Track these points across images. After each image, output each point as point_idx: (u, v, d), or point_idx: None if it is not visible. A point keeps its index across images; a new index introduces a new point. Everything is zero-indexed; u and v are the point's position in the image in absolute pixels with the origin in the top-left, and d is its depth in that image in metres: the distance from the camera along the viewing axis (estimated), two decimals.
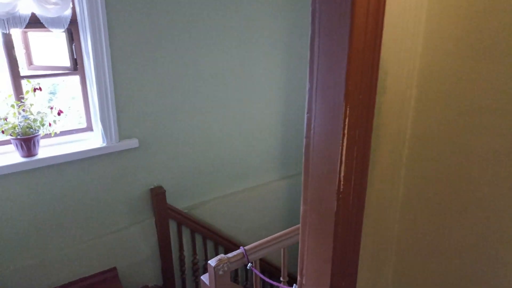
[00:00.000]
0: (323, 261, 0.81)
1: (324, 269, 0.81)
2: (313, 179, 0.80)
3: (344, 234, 0.78)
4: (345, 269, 0.82)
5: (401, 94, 0.75)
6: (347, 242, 0.80)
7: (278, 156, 2.86)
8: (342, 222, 0.77)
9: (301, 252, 0.93)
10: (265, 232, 2.97)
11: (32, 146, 1.84)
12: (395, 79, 0.74)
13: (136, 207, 2.26)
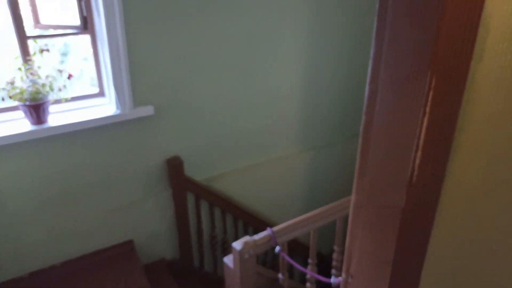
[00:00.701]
0: (381, 263, 0.67)
1: (381, 272, 0.67)
2: (373, 166, 0.64)
3: (410, 234, 0.63)
4: (407, 274, 0.68)
5: (502, 61, 0.57)
6: (412, 243, 0.65)
7: (301, 127, 2.69)
8: (409, 220, 0.61)
9: (349, 248, 0.78)
10: (286, 205, 2.86)
11: (42, 113, 1.72)
12: (497, 41, 0.55)
13: (153, 178, 2.15)
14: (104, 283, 1.97)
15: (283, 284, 1.52)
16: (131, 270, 2.06)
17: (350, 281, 0.81)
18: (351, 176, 2.56)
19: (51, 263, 1.99)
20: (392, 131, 0.59)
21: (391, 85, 0.57)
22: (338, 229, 1.61)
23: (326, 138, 2.87)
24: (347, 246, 0.79)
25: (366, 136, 0.66)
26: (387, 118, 0.59)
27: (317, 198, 3.04)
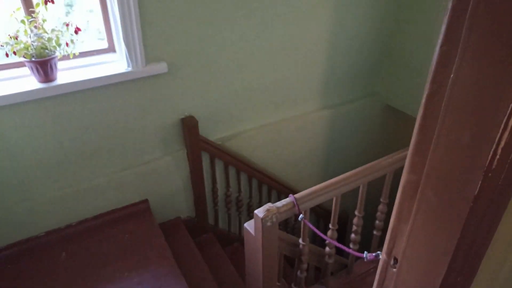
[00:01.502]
0: (438, 253, 0.59)
1: (437, 262, 0.60)
2: (440, 145, 0.55)
3: (477, 225, 0.55)
4: (465, 266, 0.61)
5: None
6: (478, 234, 0.57)
7: (320, 84, 2.55)
8: (479, 210, 0.53)
9: (393, 229, 0.71)
10: (300, 165, 2.81)
11: (49, 70, 1.61)
12: None
13: (167, 137, 2.09)
14: (120, 238, 1.97)
15: (303, 250, 1.49)
16: (147, 227, 2.06)
17: (392, 264, 0.74)
18: (368, 135, 2.53)
19: (67, 222, 1.99)
20: (471, 106, 0.49)
21: (479, 47, 0.46)
22: (361, 195, 1.55)
23: (344, 95, 2.75)
24: (392, 226, 0.72)
25: (429, 108, 0.56)
26: (466, 90, 0.49)
27: (333, 158, 2.97)
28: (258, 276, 1.39)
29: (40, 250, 1.89)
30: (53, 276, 1.77)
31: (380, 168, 1.51)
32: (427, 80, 0.56)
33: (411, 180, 0.62)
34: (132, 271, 1.81)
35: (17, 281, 1.74)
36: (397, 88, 2.82)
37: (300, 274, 1.58)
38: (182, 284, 1.75)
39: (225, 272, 2.26)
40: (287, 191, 2.77)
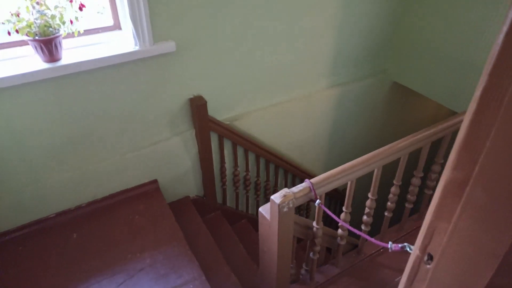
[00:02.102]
0: (485, 254, 0.58)
1: (483, 264, 0.58)
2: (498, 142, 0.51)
3: None
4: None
5: None
6: None
7: (329, 62, 2.49)
8: None
9: (431, 224, 0.69)
10: (306, 145, 2.78)
11: (54, 49, 1.55)
12: None
13: (175, 118, 2.04)
14: (131, 219, 1.97)
15: (317, 233, 1.49)
16: (157, 207, 2.05)
17: (426, 260, 0.73)
18: (375, 113, 2.49)
19: (77, 204, 1.98)
20: None
21: None
22: (375, 178, 1.53)
23: (352, 73, 2.69)
24: (429, 221, 0.69)
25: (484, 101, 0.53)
26: None
27: (339, 137, 2.95)
28: (273, 258, 1.40)
29: (51, 231, 1.89)
30: (66, 257, 1.78)
31: (396, 151, 1.48)
32: (483, 72, 0.52)
33: (457, 177, 0.60)
34: (144, 251, 1.82)
35: (29, 262, 1.75)
36: (405, 65, 2.76)
37: (313, 256, 1.58)
38: (194, 265, 1.77)
39: (234, 251, 2.28)
40: (293, 169, 2.77)
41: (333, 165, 3.11)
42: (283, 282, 1.51)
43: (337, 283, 1.70)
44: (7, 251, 1.79)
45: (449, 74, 2.45)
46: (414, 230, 1.94)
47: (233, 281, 1.89)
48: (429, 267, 0.72)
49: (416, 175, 1.71)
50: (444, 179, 0.63)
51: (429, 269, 0.72)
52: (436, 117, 3.64)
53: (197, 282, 1.69)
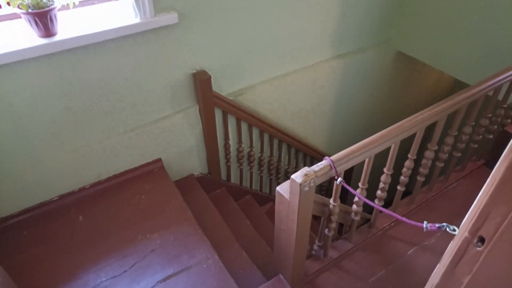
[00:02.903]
0: None
1: None
2: None
3: None
4: None
5: None
6: None
7: (333, 32, 2.40)
8: None
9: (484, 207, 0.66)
10: (310, 117, 2.74)
11: (49, 23, 1.44)
12: None
13: (178, 94, 1.96)
14: (137, 199, 1.93)
15: (334, 210, 1.46)
16: (163, 186, 2.01)
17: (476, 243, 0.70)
18: (378, 82, 2.43)
19: (80, 185, 1.92)
20: None
21: None
22: (392, 153, 1.50)
23: (356, 43, 2.61)
24: (483, 204, 0.66)
25: None
26: None
27: (341, 108, 2.90)
28: (291, 236, 1.37)
29: (56, 214, 1.84)
30: (73, 240, 1.74)
31: (414, 125, 1.44)
32: None
33: None
34: (153, 232, 1.78)
35: (36, 246, 1.70)
36: (409, 34, 2.68)
37: (328, 232, 1.57)
38: (206, 244, 1.74)
39: (241, 227, 2.27)
40: (297, 144, 2.73)
41: (337, 136, 3.09)
42: (300, 260, 1.50)
43: (350, 257, 1.71)
44: (12, 236, 1.75)
45: (457, 43, 2.39)
46: (424, 202, 1.94)
47: (245, 258, 1.88)
48: (480, 250, 0.70)
49: (430, 148, 1.68)
50: (506, 163, 0.59)
51: (480, 252, 0.70)
52: (438, 86, 3.60)
53: (210, 261, 1.68)
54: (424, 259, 1.71)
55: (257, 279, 1.78)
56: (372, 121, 3.25)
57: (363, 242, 1.76)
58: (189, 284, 1.59)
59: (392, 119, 3.38)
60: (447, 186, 2.02)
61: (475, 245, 0.70)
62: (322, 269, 1.65)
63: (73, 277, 1.60)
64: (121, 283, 1.58)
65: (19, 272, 1.58)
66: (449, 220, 1.89)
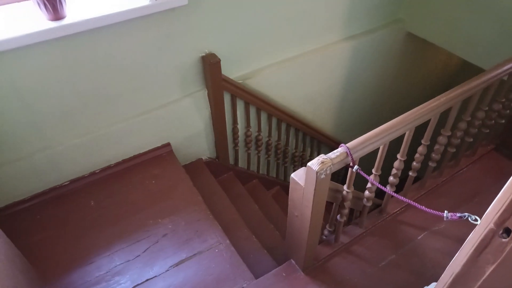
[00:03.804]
0: None
1: None
2: None
3: None
4: None
5: None
6: None
7: (343, 13, 2.35)
8: None
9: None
10: (318, 101, 2.71)
11: (59, 5, 1.40)
12: None
13: (187, 77, 1.93)
14: (147, 184, 1.93)
15: (347, 196, 1.46)
16: (172, 171, 2.01)
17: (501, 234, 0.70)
18: (388, 65, 2.39)
19: (90, 170, 1.92)
20: None
21: None
22: (407, 139, 1.49)
23: (366, 24, 2.56)
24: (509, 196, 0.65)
25: None
26: None
27: (351, 90, 2.87)
28: (305, 223, 1.38)
29: (67, 199, 1.85)
30: (85, 224, 1.75)
31: (428, 111, 1.42)
32: None
33: None
34: (164, 217, 1.79)
35: (49, 230, 1.72)
36: (420, 15, 2.62)
37: (340, 218, 1.58)
38: (217, 229, 1.76)
39: (250, 211, 2.28)
40: (305, 128, 2.71)
41: (344, 118, 3.06)
42: (312, 245, 1.51)
43: (361, 242, 1.72)
44: (24, 219, 1.76)
45: (470, 24, 2.33)
46: (434, 187, 1.94)
47: (255, 243, 1.90)
48: (505, 241, 0.70)
49: (443, 133, 1.66)
50: None
51: (505, 243, 0.70)
52: (446, 67, 3.55)
53: (221, 246, 1.69)
54: (434, 244, 1.72)
55: (268, 264, 1.80)
56: (379, 102, 3.21)
57: (374, 227, 1.77)
58: (202, 268, 1.60)
59: (399, 100, 3.35)
60: (458, 171, 2.02)
61: (500, 236, 0.70)
62: (333, 254, 1.66)
63: (87, 261, 1.62)
64: (135, 267, 1.60)
65: (33, 255, 1.60)
66: (459, 204, 1.90)
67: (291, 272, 1.61)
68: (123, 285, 1.55)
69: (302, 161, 3.08)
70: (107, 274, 1.58)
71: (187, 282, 1.56)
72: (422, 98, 3.54)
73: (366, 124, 3.31)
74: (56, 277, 1.56)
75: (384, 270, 1.62)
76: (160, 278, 1.57)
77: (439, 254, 1.68)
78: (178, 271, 1.59)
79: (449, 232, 1.76)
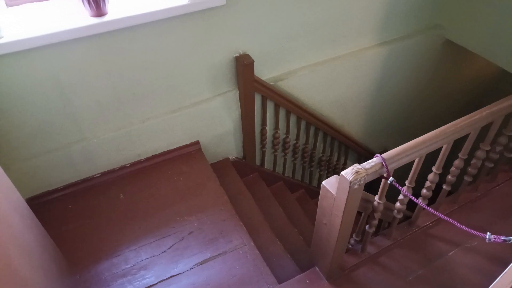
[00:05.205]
0: None
1: None
2: None
3: None
4: None
5: None
6: None
7: (379, 17, 2.29)
8: None
9: None
10: (348, 106, 2.67)
11: (102, 2, 1.43)
12: None
13: (219, 77, 1.94)
14: (175, 180, 1.95)
15: (378, 207, 1.43)
16: (200, 169, 2.02)
17: None
18: (422, 73, 2.30)
19: (121, 164, 1.96)
20: None
21: None
22: (443, 153, 1.44)
23: (403, 29, 2.49)
24: None
25: None
26: None
27: (381, 96, 2.80)
28: (333, 231, 1.36)
29: (98, 191, 1.89)
30: (114, 216, 1.79)
31: (469, 125, 1.37)
32: None
33: None
34: (191, 215, 1.81)
35: (80, 220, 1.76)
36: (460, 21, 2.53)
37: (369, 229, 1.54)
38: (242, 230, 1.76)
39: (274, 213, 2.27)
40: (334, 132, 2.67)
41: (373, 124, 3.00)
42: (338, 254, 1.48)
43: (389, 254, 1.68)
44: (57, 208, 1.81)
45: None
46: (468, 202, 1.87)
47: (278, 246, 1.89)
48: None
49: (482, 147, 1.60)
50: None
51: None
52: (483, 77, 3.41)
53: (246, 248, 1.69)
54: (465, 260, 1.66)
55: (291, 268, 1.79)
56: (409, 110, 3.13)
57: (402, 239, 1.72)
58: (225, 269, 1.61)
59: (429, 108, 3.25)
60: (494, 186, 1.94)
61: None
62: (359, 264, 1.63)
63: (114, 253, 1.65)
64: (160, 263, 1.62)
65: (63, 244, 1.64)
66: (494, 221, 1.82)
67: (315, 279, 1.59)
68: (148, 280, 1.57)
69: (329, 165, 3.04)
70: (133, 268, 1.60)
71: (210, 282, 1.57)
72: (454, 107, 3.44)
73: (394, 131, 3.23)
74: (84, 267, 1.60)
75: (412, 284, 1.58)
76: (184, 276, 1.59)
77: (470, 272, 1.61)
78: (202, 270, 1.60)
79: (482, 249, 1.69)
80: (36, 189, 1.81)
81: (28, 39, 1.36)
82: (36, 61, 1.46)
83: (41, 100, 1.57)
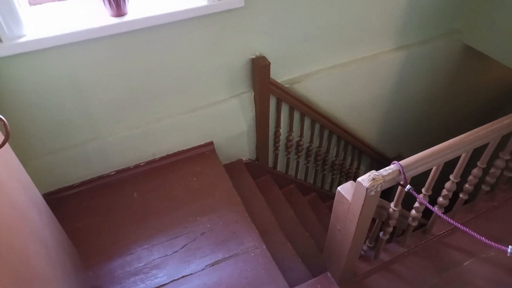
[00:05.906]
0: None
1: None
2: None
3: None
4: None
5: None
6: None
7: (397, 21, 2.27)
8: None
9: None
10: (363, 110, 2.64)
11: (122, 2, 1.44)
12: None
13: (234, 79, 1.94)
14: (189, 180, 1.96)
15: (393, 214, 1.41)
16: (214, 170, 2.03)
17: None
18: (440, 78, 2.25)
19: (135, 162, 1.98)
20: None
21: None
22: (462, 162, 1.41)
23: (421, 33, 2.46)
24: None
25: None
26: None
27: (397, 101, 2.77)
28: (347, 237, 1.34)
29: (112, 189, 1.91)
30: (128, 214, 1.80)
31: (489, 134, 1.34)
32: None
33: None
34: (204, 215, 1.81)
35: (94, 217, 1.78)
36: (479, 26, 2.48)
37: (383, 236, 1.53)
38: (254, 233, 1.75)
39: (286, 216, 2.26)
40: (348, 137, 2.65)
41: (388, 130, 2.97)
42: (352, 260, 1.47)
43: (402, 261, 1.66)
44: (72, 204, 1.83)
45: None
46: (485, 211, 1.84)
47: (289, 249, 1.88)
48: None
49: (502, 157, 1.57)
50: None
51: None
52: (501, 84, 3.35)
53: (258, 251, 1.68)
54: (481, 270, 1.62)
55: (302, 272, 1.78)
56: (426, 116, 3.09)
57: (416, 247, 1.70)
58: (237, 271, 1.61)
59: (447, 115, 3.21)
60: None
61: None
62: (371, 271, 1.61)
63: (127, 251, 1.67)
64: (172, 263, 1.63)
65: (77, 240, 1.66)
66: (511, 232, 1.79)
67: (327, 285, 1.58)
68: (159, 279, 1.58)
69: (341, 169, 3.02)
70: (146, 267, 1.61)
71: (221, 283, 1.57)
72: (473, 114, 3.38)
73: (409, 138, 3.19)
74: (97, 264, 1.62)
75: None
76: (196, 276, 1.59)
77: (487, 283, 1.58)
78: (213, 271, 1.61)
79: (499, 260, 1.66)
80: (52, 185, 1.84)
81: (50, 37, 1.38)
82: (55, 59, 1.48)
83: (59, 98, 1.59)
